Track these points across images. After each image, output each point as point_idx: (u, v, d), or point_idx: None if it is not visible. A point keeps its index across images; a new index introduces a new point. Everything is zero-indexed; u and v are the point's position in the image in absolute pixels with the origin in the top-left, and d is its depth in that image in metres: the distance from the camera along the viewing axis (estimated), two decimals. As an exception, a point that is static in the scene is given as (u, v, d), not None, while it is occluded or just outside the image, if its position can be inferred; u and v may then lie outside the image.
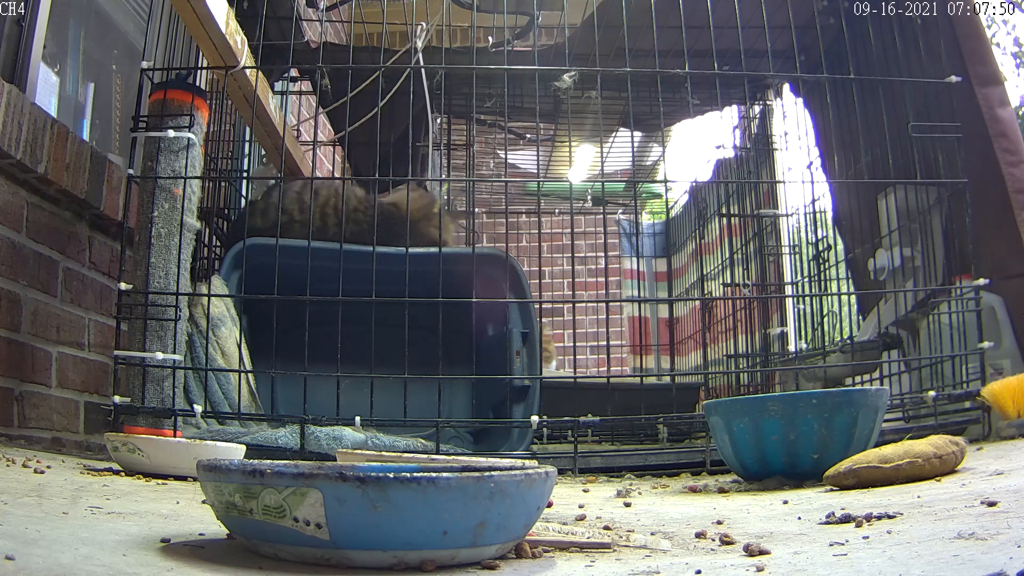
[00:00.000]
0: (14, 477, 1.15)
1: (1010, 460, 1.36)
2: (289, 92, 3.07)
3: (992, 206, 2.17)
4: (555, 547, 0.77)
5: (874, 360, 2.34)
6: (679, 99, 2.96)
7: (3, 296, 1.69)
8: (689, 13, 2.15)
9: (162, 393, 1.76)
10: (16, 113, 1.66)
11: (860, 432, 1.36)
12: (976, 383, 1.92)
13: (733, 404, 1.48)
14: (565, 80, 2.37)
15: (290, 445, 1.74)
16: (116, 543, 0.70)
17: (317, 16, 3.11)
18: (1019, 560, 0.59)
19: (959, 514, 0.86)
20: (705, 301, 3.43)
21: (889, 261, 2.54)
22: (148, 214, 1.80)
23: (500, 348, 2.21)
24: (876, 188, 2.53)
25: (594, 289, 5.35)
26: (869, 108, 2.26)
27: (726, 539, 0.80)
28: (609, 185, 4.60)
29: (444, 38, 2.94)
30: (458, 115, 3.29)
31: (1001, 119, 2.19)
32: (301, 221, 2.16)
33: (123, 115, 2.58)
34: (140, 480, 1.34)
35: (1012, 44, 8.88)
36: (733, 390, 3.28)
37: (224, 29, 1.84)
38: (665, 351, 4.62)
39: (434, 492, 0.61)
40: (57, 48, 2.29)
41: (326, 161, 4.07)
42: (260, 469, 0.64)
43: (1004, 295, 2.15)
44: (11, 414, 1.71)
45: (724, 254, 3.49)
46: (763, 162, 3.35)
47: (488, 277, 2.12)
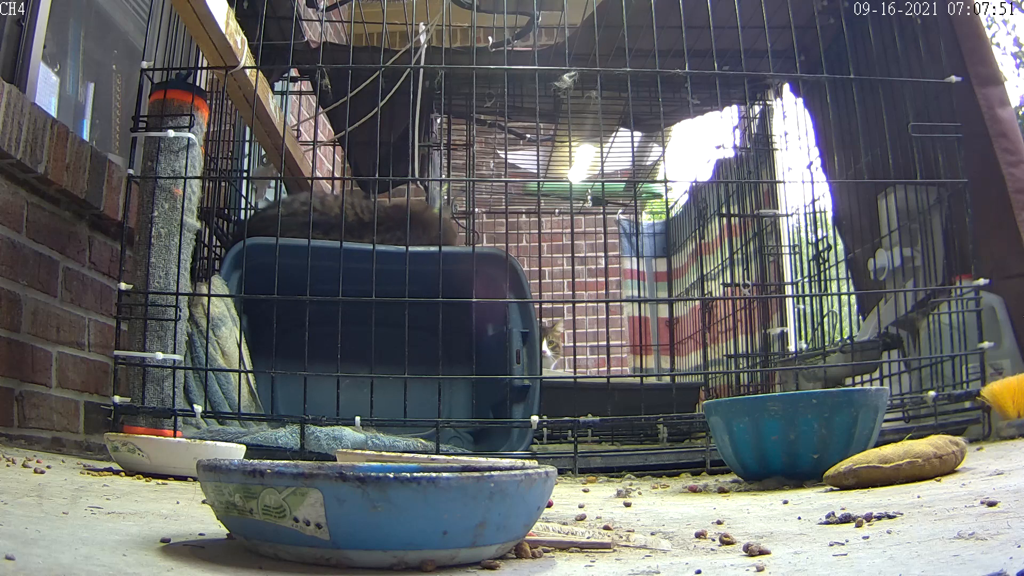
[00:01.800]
0: (14, 477, 1.15)
1: (1010, 460, 1.36)
2: (289, 92, 3.07)
3: (992, 206, 2.17)
4: (555, 547, 0.77)
5: (874, 360, 2.34)
6: (679, 99, 2.96)
7: (3, 296, 1.69)
8: (689, 13, 2.15)
9: (162, 393, 1.76)
10: (16, 113, 1.66)
11: (860, 432, 1.36)
12: (976, 383, 1.92)
13: (733, 404, 1.48)
14: (565, 80, 2.37)
15: (290, 445, 1.74)
16: (116, 543, 0.70)
17: (317, 16, 3.11)
18: (1019, 560, 0.59)
19: (959, 514, 0.86)
20: (705, 301, 3.43)
21: (889, 261, 2.54)
22: (148, 214, 1.80)
23: (500, 348, 2.21)
24: (876, 188, 2.53)
25: (594, 289, 5.35)
26: (869, 108, 2.26)
27: (726, 539, 0.80)
28: (609, 185, 4.59)
29: (444, 38, 2.94)
30: (458, 115, 3.29)
31: (1001, 119, 2.19)
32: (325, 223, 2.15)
33: (123, 115, 2.58)
34: (140, 480, 1.34)
35: (1012, 44, 8.89)
36: (733, 390, 3.28)
37: (224, 29, 1.84)
38: (665, 351, 4.62)
39: (434, 492, 0.61)
40: (57, 48, 2.29)
41: (326, 161, 4.07)
42: (260, 469, 0.64)
43: (1004, 295, 2.15)
44: (11, 414, 1.71)
45: (724, 254, 3.49)
46: (763, 162, 3.35)
47: (488, 277, 2.12)
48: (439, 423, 1.84)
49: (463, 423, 1.97)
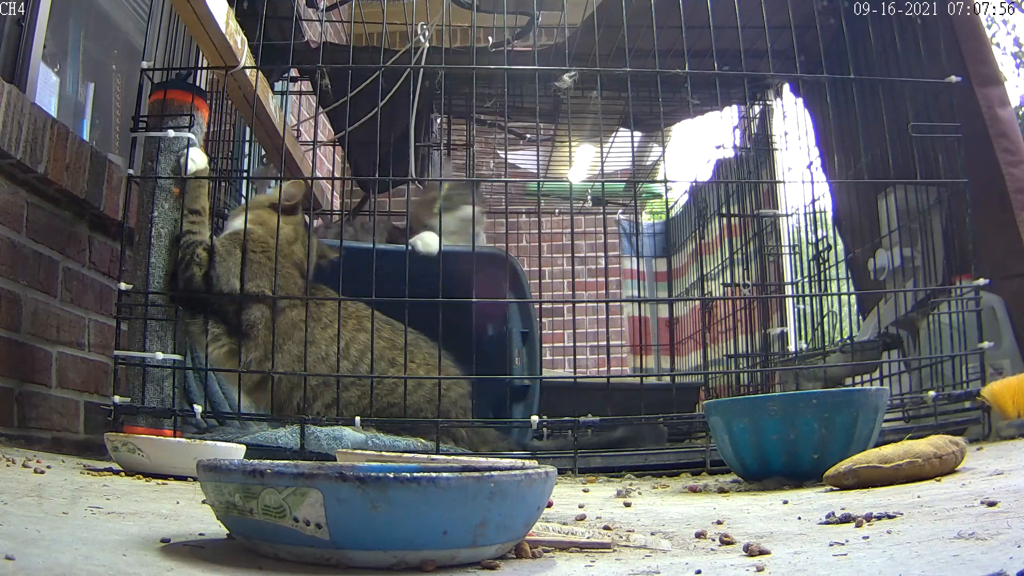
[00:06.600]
0: (14, 477, 1.15)
1: (1010, 460, 1.36)
2: (289, 92, 3.07)
3: (992, 206, 2.17)
4: (555, 547, 0.77)
5: (874, 360, 2.34)
6: (679, 99, 2.95)
7: (3, 296, 1.69)
8: (689, 13, 2.15)
9: (162, 393, 1.76)
10: (16, 113, 1.66)
11: (860, 432, 1.36)
12: (976, 383, 1.92)
13: (733, 404, 1.48)
14: (565, 80, 2.36)
15: (290, 445, 1.74)
16: (116, 543, 0.70)
17: (317, 16, 3.11)
18: (1019, 560, 0.59)
19: (959, 514, 0.86)
20: (705, 301, 3.43)
21: (889, 261, 2.54)
22: (148, 214, 1.80)
23: (500, 348, 2.21)
24: (876, 188, 2.53)
25: (594, 289, 5.35)
26: (869, 108, 2.25)
27: (726, 539, 0.80)
28: (609, 185, 4.59)
29: (444, 38, 2.94)
30: (458, 115, 3.29)
31: (1001, 119, 2.19)
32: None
33: (123, 115, 2.58)
34: (140, 480, 1.34)
35: (1012, 44, 8.88)
36: (733, 390, 3.27)
37: (224, 29, 1.84)
38: (665, 351, 4.62)
39: (434, 492, 0.61)
40: (57, 48, 2.29)
41: (326, 161, 4.07)
42: (260, 469, 0.64)
43: (1004, 295, 2.15)
44: (11, 414, 1.71)
45: (724, 254, 3.48)
46: (763, 162, 3.34)
47: (488, 277, 2.12)
48: (439, 423, 1.84)
49: (463, 423, 1.97)
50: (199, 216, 1.86)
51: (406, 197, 2.37)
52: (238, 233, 1.90)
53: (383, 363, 1.91)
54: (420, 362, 1.96)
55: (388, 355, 1.93)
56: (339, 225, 2.43)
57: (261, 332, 1.84)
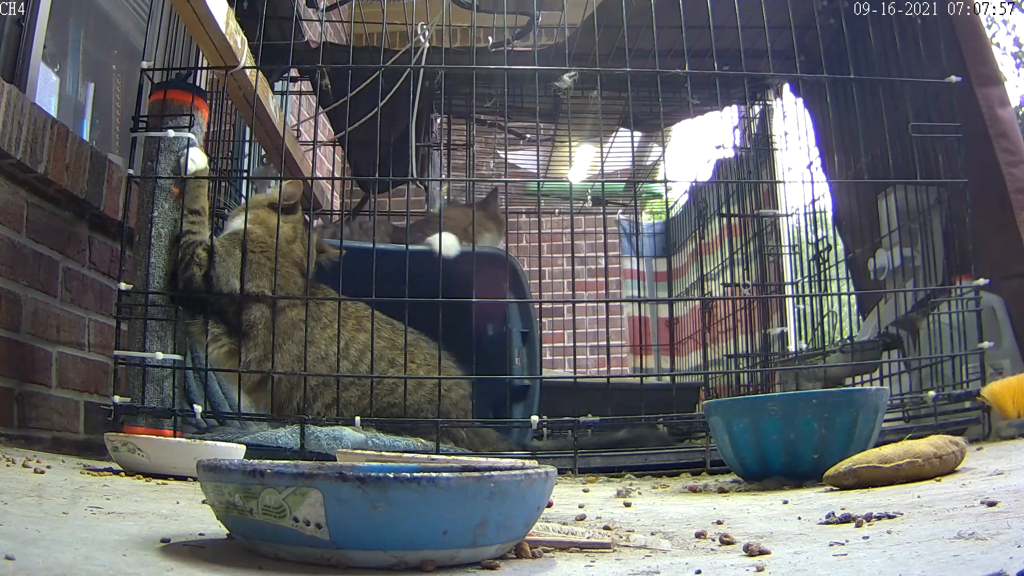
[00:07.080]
0: (14, 477, 1.15)
1: (1010, 460, 1.36)
2: (289, 92, 3.07)
3: (992, 206, 2.17)
4: (555, 547, 0.77)
5: (874, 360, 2.34)
6: (679, 99, 2.95)
7: (3, 296, 1.69)
8: (689, 13, 2.15)
9: (162, 393, 1.76)
10: (16, 113, 1.66)
11: (860, 432, 1.36)
12: (976, 383, 1.92)
13: (733, 404, 1.48)
14: (565, 80, 2.36)
15: (290, 445, 1.74)
16: (116, 543, 0.70)
17: (317, 16, 3.11)
18: (1019, 560, 0.59)
19: (959, 514, 0.86)
20: (705, 301, 3.43)
21: (889, 261, 2.54)
22: (148, 214, 1.80)
23: (500, 348, 2.21)
24: (876, 188, 2.53)
25: (594, 289, 5.35)
26: (869, 108, 2.26)
27: (726, 539, 0.80)
28: (609, 185, 4.59)
29: (444, 38, 2.94)
30: (458, 115, 3.29)
31: (1001, 119, 2.19)
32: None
33: (123, 115, 2.58)
34: (140, 480, 1.34)
35: (1012, 44, 8.88)
36: (733, 390, 3.27)
37: (224, 29, 1.84)
38: (665, 351, 4.62)
39: (434, 492, 0.61)
40: (57, 48, 2.29)
41: (326, 161, 4.07)
42: (260, 469, 0.64)
43: (1004, 295, 2.15)
44: (11, 414, 1.71)
45: (724, 254, 3.48)
46: (763, 162, 3.34)
47: (488, 277, 2.12)
48: (439, 423, 1.84)
49: (463, 423, 1.98)
50: (199, 216, 1.86)
51: (406, 197, 2.37)
52: (238, 233, 1.90)
53: (383, 363, 1.91)
54: (420, 362, 1.96)
55: (388, 355, 1.93)
56: (339, 225, 2.43)
57: (261, 332, 1.84)
